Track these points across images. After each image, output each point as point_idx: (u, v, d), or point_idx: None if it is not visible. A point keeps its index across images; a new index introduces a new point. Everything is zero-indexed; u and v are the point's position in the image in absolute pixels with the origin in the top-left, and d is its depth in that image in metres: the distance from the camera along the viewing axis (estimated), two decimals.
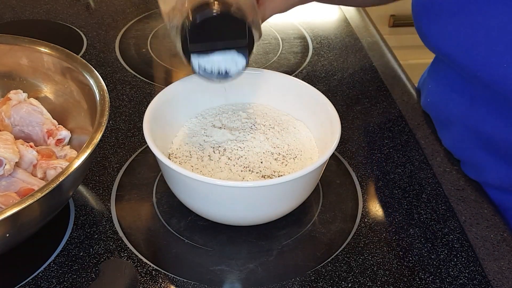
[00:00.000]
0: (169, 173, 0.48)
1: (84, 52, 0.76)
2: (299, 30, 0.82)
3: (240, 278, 0.47)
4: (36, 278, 0.47)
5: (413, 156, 0.60)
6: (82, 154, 0.45)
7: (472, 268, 0.48)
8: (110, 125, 0.63)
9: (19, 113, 0.55)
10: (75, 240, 0.50)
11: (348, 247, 0.50)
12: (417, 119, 0.66)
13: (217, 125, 0.54)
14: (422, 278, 0.47)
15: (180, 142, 0.53)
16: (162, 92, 0.54)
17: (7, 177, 0.49)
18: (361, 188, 0.56)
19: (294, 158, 0.51)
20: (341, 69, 0.74)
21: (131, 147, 0.60)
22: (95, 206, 0.53)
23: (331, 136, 0.50)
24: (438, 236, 0.51)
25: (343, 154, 0.60)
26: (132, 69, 0.73)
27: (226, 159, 0.50)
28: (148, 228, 0.51)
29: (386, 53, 0.78)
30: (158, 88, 0.69)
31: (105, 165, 0.58)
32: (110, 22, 0.84)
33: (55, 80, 0.57)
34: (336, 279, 0.47)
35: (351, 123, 0.65)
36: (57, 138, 0.54)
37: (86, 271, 0.47)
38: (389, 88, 0.71)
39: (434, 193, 0.56)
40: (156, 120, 0.51)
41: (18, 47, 0.57)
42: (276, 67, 0.74)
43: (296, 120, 0.56)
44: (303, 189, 0.49)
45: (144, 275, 0.47)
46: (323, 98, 0.54)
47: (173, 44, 0.48)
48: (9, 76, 0.59)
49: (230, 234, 0.51)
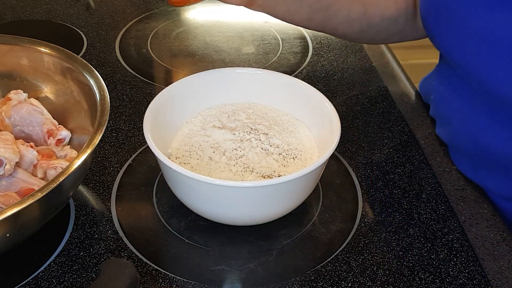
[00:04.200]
0: (169, 173, 0.48)
1: (84, 52, 0.76)
2: (299, 30, 0.82)
3: (240, 278, 0.47)
4: (36, 278, 0.47)
5: (413, 156, 0.60)
6: (82, 154, 0.45)
7: (471, 268, 0.48)
8: (110, 125, 0.63)
9: (19, 113, 0.55)
10: (75, 240, 0.50)
11: (348, 247, 0.50)
12: (417, 119, 0.66)
13: (217, 125, 0.54)
14: (422, 278, 0.48)
15: (180, 142, 0.53)
16: (162, 92, 0.54)
17: (7, 177, 0.49)
18: (361, 188, 0.56)
19: (294, 158, 0.51)
20: (341, 69, 0.74)
21: (131, 147, 0.60)
22: (95, 206, 0.54)
23: (331, 136, 0.50)
24: (438, 236, 0.51)
25: (343, 154, 0.60)
26: (132, 69, 0.73)
27: (226, 159, 0.50)
28: (148, 228, 0.51)
29: (386, 53, 0.78)
30: (158, 88, 0.69)
31: (105, 165, 0.58)
32: (110, 22, 0.84)
33: (56, 80, 0.57)
34: (336, 279, 0.47)
35: (351, 123, 0.65)
36: (58, 138, 0.54)
37: (86, 271, 0.47)
38: (389, 88, 0.71)
39: (434, 193, 0.56)
40: (156, 120, 0.51)
41: (18, 47, 0.57)
42: (276, 67, 0.74)
43: (296, 120, 0.56)
44: (303, 189, 0.49)
45: (144, 275, 0.47)
46: (323, 98, 0.54)
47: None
48: (9, 76, 0.59)
49: (230, 234, 0.51)
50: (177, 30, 0.82)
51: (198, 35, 0.81)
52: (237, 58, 0.76)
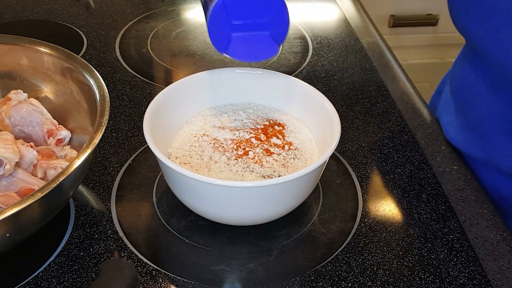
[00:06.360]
0: (169, 173, 0.48)
1: (84, 52, 0.76)
2: (299, 30, 0.82)
3: (240, 278, 0.47)
4: (36, 278, 0.47)
5: (413, 156, 0.60)
6: (82, 154, 0.45)
7: (472, 268, 0.48)
8: (110, 125, 0.63)
9: (19, 113, 0.55)
10: (75, 240, 0.50)
11: (348, 247, 0.50)
12: (417, 119, 0.66)
13: (217, 125, 0.54)
14: (422, 278, 0.48)
15: (180, 142, 0.53)
16: (162, 92, 0.54)
17: (7, 177, 0.49)
18: (361, 188, 0.56)
19: (294, 158, 0.51)
20: (341, 69, 0.74)
21: (131, 147, 0.60)
22: (95, 206, 0.54)
23: (331, 136, 0.50)
24: (438, 236, 0.51)
25: (343, 154, 0.60)
26: (132, 69, 0.73)
27: (226, 159, 0.50)
28: (148, 228, 0.51)
29: (386, 53, 0.79)
30: (158, 88, 0.69)
31: (105, 165, 0.58)
32: (110, 22, 0.84)
33: (55, 80, 0.57)
34: (336, 279, 0.47)
35: (351, 123, 0.65)
36: (57, 138, 0.54)
37: (86, 271, 0.47)
38: (389, 88, 0.71)
39: (434, 193, 0.56)
40: (156, 120, 0.51)
41: (18, 47, 0.57)
42: (276, 67, 0.74)
43: (296, 120, 0.56)
44: (303, 189, 0.49)
45: (144, 275, 0.47)
46: (323, 98, 0.54)
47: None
48: (9, 76, 0.59)
49: (230, 234, 0.51)
50: (177, 30, 0.82)
51: (198, 35, 0.81)
52: None
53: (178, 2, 0.90)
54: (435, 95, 0.75)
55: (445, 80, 0.72)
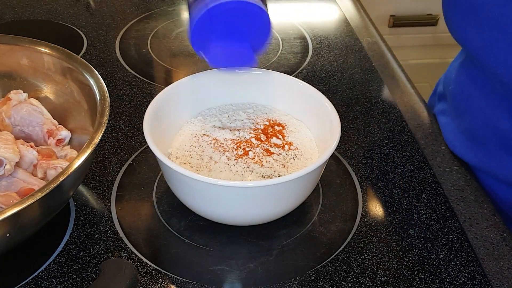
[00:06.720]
0: (169, 173, 0.48)
1: (84, 52, 0.76)
2: (299, 30, 0.82)
3: (240, 278, 0.47)
4: (36, 278, 0.47)
5: (413, 156, 0.60)
6: (82, 154, 0.45)
7: (471, 268, 0.49)
8: (110, 125, 0.63)
9: (19, 113, 0.55)
10: (75, 240, 0.50)
11: (348, 247, 0.50)
12: (417, 119, 0.66)
13: (217, 125, 0.54)
14: (422, 278, 0.48)
15: (180, 142, 0.53)
16: (162, 92, 0.54)
17: (7, 177, 0.49)
18: (361, 188, 0.56)
19: (294, 158, 0.51)
20: (341, 69, 0.74)
21: (131, 147, 0.60)
22: (95, 206, 0.54)
23: (331, 136, 0.50)
24: (438, 236, 0.51)
25: (343, 154, 0.60)
26: (132, 69, 0.73)
27: (226, 159, 0.50)
28: (148, 228, 0.51)
29: (386, 53, 0.79)
30: (158, 88, 0.69)
31: (105, 165, 0.58)
32: (110, 22, 0.84)
33: (56, 80, 0.57)
34: (336, 279, 0.47)
35: (351, 123, 0.65)
36: (58, 138, 0.54)
37: (86, 271, 0.47)
38: (389, 88, 0.71)
39: (434, 193, 0.56)
40: (156, 120, 0.51)
41: (18, 47, 0.57)
42: (276, 67, 0.74)
43: (296, 120, 0.56)
44: (303, 189, 0.49)
45: (144, 275, 0.47)
46: (323, 98, 0.54)
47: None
48: (9, 76, 0.59)
49: (230, 234, 0.51)
50: (177, 30, 0.82)
51: None
52: None
53: (178, 2, 0.90)
54: (432, 95, 0.75)
55: (441, 80, 0.72)
